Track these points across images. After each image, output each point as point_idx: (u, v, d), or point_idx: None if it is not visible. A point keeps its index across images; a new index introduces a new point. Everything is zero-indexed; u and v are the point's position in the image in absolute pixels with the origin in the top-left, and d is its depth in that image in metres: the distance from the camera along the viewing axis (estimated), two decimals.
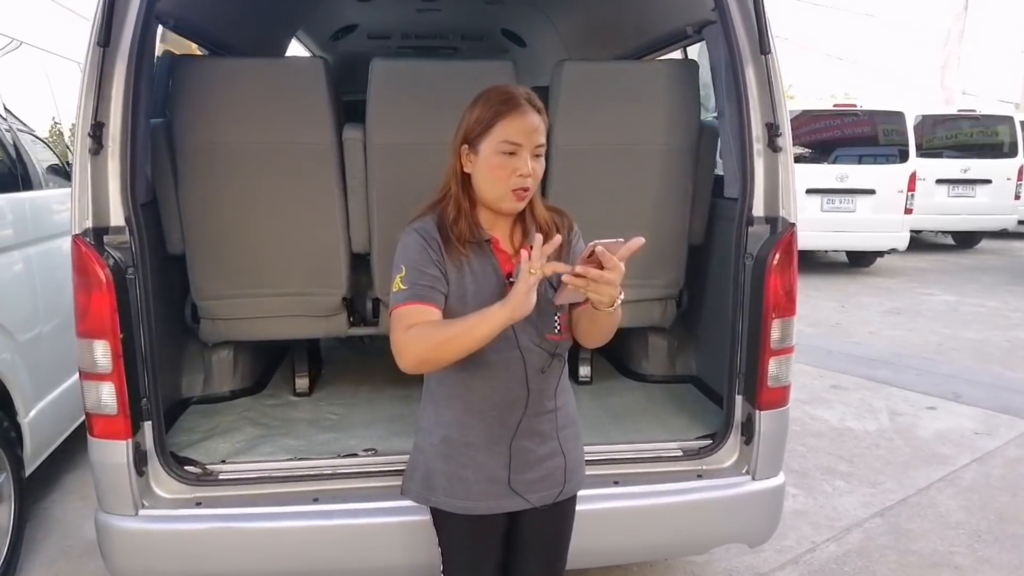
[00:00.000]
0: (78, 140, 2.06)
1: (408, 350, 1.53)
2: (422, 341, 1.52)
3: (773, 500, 2.39)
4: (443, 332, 1.52)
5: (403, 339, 1.54)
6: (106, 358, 2.06)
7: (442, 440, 1.73)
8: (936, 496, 3.67)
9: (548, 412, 1.74)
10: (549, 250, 1.41)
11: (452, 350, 1.51)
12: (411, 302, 1.58)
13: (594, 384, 3.13)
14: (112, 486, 2.13)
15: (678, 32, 3.01)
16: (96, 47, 2.02)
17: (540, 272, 1.40)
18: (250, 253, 2.68)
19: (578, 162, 2.70)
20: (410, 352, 1.53)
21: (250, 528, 2.16)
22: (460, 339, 1.49)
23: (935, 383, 5.37)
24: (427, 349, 1.52)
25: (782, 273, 2.25)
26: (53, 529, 3.30)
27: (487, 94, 1.64)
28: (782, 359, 2.31)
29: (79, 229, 2.07)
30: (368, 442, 2.53)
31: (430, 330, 1.53)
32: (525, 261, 1.40)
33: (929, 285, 9.05)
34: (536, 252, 1.40)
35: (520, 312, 1.42)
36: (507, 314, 1.43)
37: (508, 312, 1.43)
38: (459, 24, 5.02)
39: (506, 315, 1.44)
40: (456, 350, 1.51)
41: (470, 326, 1.48)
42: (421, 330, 1.53)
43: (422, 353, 1.53)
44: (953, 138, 11.31)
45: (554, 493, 1.77)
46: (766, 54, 2.25)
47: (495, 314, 1.44)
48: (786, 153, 2.31)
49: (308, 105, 2.57)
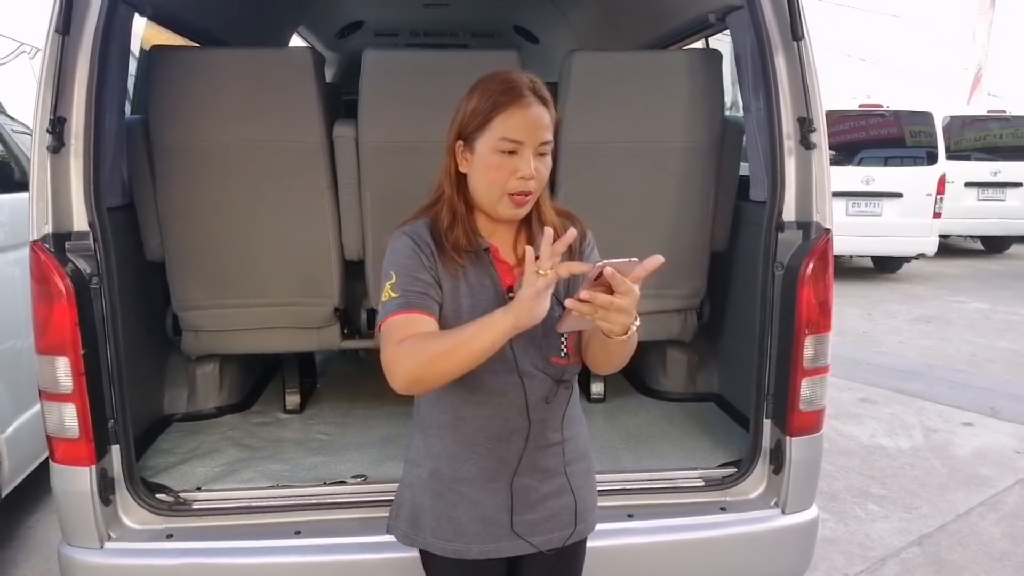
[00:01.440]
0: (36, 136, 1.87)
1: (399, 367, 1.30)
2: (414, 356, 1.29)
3: (805, 536, 2.16)
4: (438, 344, 1.29)
5: (394, 355, 1.31)
6: (67, 376, 1.88)
7: (431, 474, 1.52)
8: (978, 522, 3.41)
9: (553, 445, 1.52)
10: (561, 248, 1.19)
11: (449, 365, 1.28)
12: (402, 311, 1.36)
13: (607, 402, 2.92)
14: (75, 516, 1.96)
15: (699, 21, 2.79)
16: (55, 34, 1.84)
17: (552, 273, 1.18)
18: (234, 260, 2.49)
19: (590, 161, 2.48)
20: (402, 369, 1.30)
21: (224, 564, 1.97)
22: (457, 352, 1.26)
23: (971, 397, 5.10)
24: (420, 365, 1.29)
25: (816, 284, 2.03)
26: (34, 551, 3.13)
27: (485, 82, 1.42)
28: (816, 380, 2.09)
29: (38, 235, 1.90)
30: (359, 467, 2.33)
31: (424, 343, 1.30)
32: (531, 261, 1.18)
33: (959, 292, 8.73)
34: (545, 250, 1.18)
35: (526, 320, 1.21)
36: (511, 322, 1.21)
37: (512, 320, 1.21)
38: (469, 20, 4.84)
39: (510, 323, 1.21)
40: (453, 365, 1.28)
41: (468, 336, 1.25)
42: (413, 343, 1.30)
43: (415, 369, 1.29)
44: (982, 140, 10.98)
45: (562, 536, 1.55)
46: (799, 40, 2.02)
47: (497, 322, 1.22)
48: (820, 151, 2.08)
49: (296, 100, 2.37)
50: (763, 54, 2.08)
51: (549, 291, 1.21)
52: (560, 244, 1.19)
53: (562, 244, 1.19)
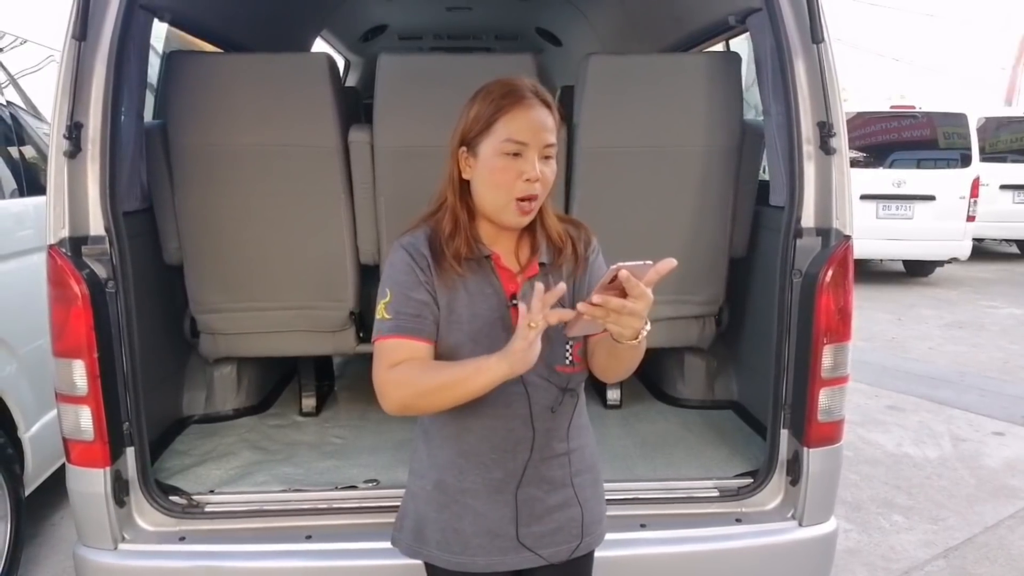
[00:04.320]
0: (53, 141, 1.90)
1: (390, 393, 1.36)
2: (406, 386, 1.35)
3: (823, 550, 2.11)
4: (431, 379, 1.34)
5: (385, 379, 1.36)
6: (83, 379, 1.91)
7: (435, 486, 1.51)
8: (1006, 535, 3.32)
9: (559, 456, 1.50)
10: (552, 300, 1.20)
11: (439, 401, 1.34)
12: (395, 335, 1.38)
13: (623, 408, 2.88)
14: (90, 517, 1.98)
15: (719, 23, 2.75)
16: (72, 40, 1.86)
17: (542, 323, 1.20)
18: (250, 264, 2.50)
19: (606, 165, 2.45)
20: (394, 397, 1.36)
21: (236, 567, 1.99)
22: (449, 391, 1.32)
23: (1002, 405, 4.97)
24: (411, 396, 1.35)
25: (835, 292, 1.99)
26: (57, 548, 3.18)
27: (487, 87, 1.42)
28: (834, 390, 2.04)
29: (55, 239, 1.92)
30: (371, 471, 2.33)
31: (416, 374, 1.35)
32: (524, 315, 1.21)
33: (993, 297, 8.54)
34: (536, 304, 1.19)
35: (521, 368, 1.25)
36: (505, 370, 1.25)
37: (507, 368, 1.25)
38: (491, 23, 4.84)
39: (504, 371, 1.25)
40: (443, 402, 1.34)
41: (462, 378, 1.30)
42: (406, 373, 1.35)
43: (406, 399, 1.36)
44: (1018, 141, 10.73)
45: (569, 548, 1.53)
46: (819, 43, 1.98)
47: (492, 368, 1.26)
48: (840, 156, 2.03)
49: (312, 105, 2.38)
50: (782, 57, 2.04)
51: (539, 340, 1.23)
52: (551, 296, 1.20)
53: (552, 297, 1.21)
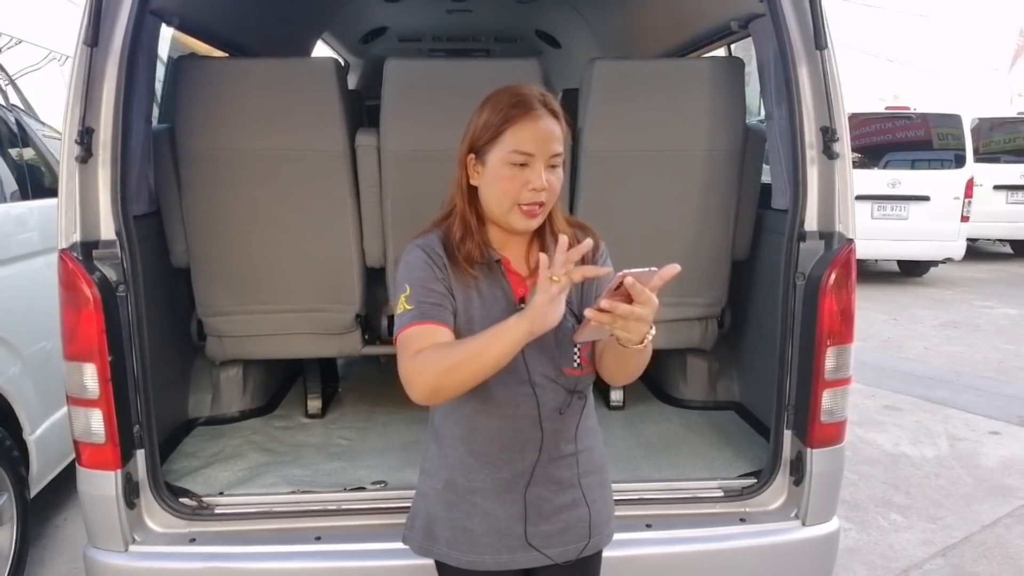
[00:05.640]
0: (64, 147, 1.91)
1: (418, 379, 1.33)
2: (431, 367, 1.31)
3: (826, 549, 2.13)
4: (454, 354, 1.31)
5: (411, 367, 1.34)
6: (94, 382, 1.92)
7: (445, 485, 1.53)
8: (1003, 534, 3.36)
9: (567, 456, 1.52)
10: (575, 256, 1.20)
11: (465, 374, 1.30)
12: (417, 322, 1.38)
13: (627, 409, 2.91)
14: (101, 519, 1.99)
15: (722, 28, 2.78)
16: (84, 46, 1.88)
17: (565, 279, 1.19)
18: (257, 267, 2.52)
19: (610, 170, 2.48)
20: (420, 381, 1.32)
21: (245, 568, 2.00)
22: (473, 361, 1.28)
23: (998, 405, 5.01)
24: (437, 375, 1.31)
25: (838, 295, 2.01)
26: (62, 550, 3.18)
27: (496, 96, 1.43)
28: (837, 391, 2.07)
29: (66, 243, 1.94)
30: (379, 473, 2.35)
31: (440, 353, 1.32)
32: (545, 267, 1.19)
33: (987, 297, 8.59)
34: (559, 257, 1.19)
35: (541, 326, 1.22)
36: (525, 328, 1.22)
37: (527, 325, 1.22)
38: (491, 25, 4.86)
39: (524, 329, 1.23)
40: (470, 374, 1.30)
41: (483, 345, 1.27)
42: (430, 354, 1.33)
43: (432, 380, 1.32)
44: (1012, 142, 10.80)
45: (577, 548, 1.55)
46: (822, 49, 2.01)
47: (511, 328, 1.24)
48: (843, 160, 2.06)
49: (319, 108, 2.40)
50: (786, 63, 2.06)
51: (563, 297, 1.22)
52: (575, 252, 1.20)
53: (576, 253, 1.20)
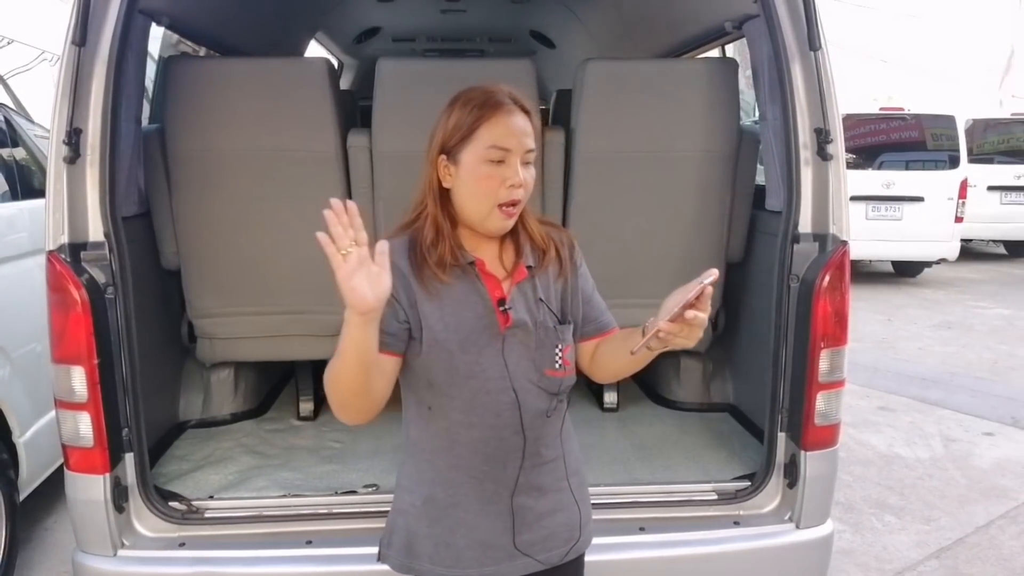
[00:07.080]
0: (52, 147, 1.89)
1: (331, 405, 1.32)
2: (328, 390, 1.30)
3: (820, 552, 2.12)
4: (331, 370, 1.27)
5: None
6: (82, 385, 1.90)
7: (425, 501, 1.48)
8: (997, 535, 3.36)
9: (550, 461, 1.50)
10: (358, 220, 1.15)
11: (346, 382, 1.26)
12: None
13: (620, 411, 2.90)
14: (89, 524, 1.97)
15: (716, 29, 2.77)
16: (72, 46, 1.85)
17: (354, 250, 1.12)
18: (248, 268, 2.50)
19: (603, 171, 2.47)
20: (333, 406, 1.32)
21: (235, 573, 1.99)
22: (341, 367, 1.23)
23: (992, 406, 5.02)
24: (332, 394, 1.30)
25: (832, 297, 2.00)
26: (51, 553, 3.16)
27: (464, 95, 1.41)
28: (831, 394, 2.06)
29: (54, 245, 1.92)
30: (370, 476, 2.33)
31: (327, 375, 1.29)
32: (328, 244, 1.12)
33: (981, 297, 8.61)
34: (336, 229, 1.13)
35: (355, 305, 1.14)
36: (349, 314, 1.16)
37: (350, 309, 1.15)
38: (485, 26, 4.84)
39: (350, 315, 1.16)
40: (348, 380, 1.25)
41: (339, 348, 1.22)
42: (325, 379, 1.30)
43: (335, 400, 1.30)
44: (1006, 143, 10.83)
45: (560, 553, 1.53)
46: (816, 50, 2.00)
47: (346, 319, 1.17)
48: (837, 162, 2.05)
49: (310, 109, 2.38)
50: (779, 64, 2.06)
51: (363, 268, 1.14)
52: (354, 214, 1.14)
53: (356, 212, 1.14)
